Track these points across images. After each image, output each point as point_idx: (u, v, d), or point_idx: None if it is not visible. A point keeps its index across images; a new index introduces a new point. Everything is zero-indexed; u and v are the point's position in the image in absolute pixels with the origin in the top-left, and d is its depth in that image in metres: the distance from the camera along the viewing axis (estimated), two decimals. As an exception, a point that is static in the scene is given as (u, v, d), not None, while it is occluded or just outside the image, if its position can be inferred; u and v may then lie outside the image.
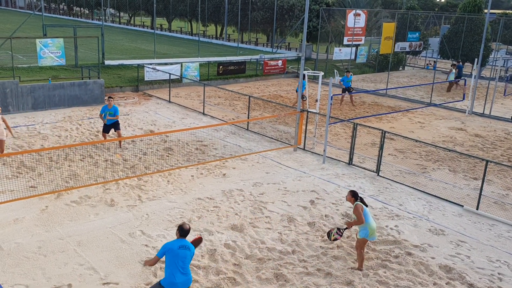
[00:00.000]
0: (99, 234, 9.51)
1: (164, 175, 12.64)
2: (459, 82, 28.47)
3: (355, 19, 29.47)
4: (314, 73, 17.45)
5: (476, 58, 22.22)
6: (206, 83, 22.66)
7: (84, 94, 19.72)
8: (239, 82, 28.14)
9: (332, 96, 14.74)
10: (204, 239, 9.55)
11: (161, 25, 57.52)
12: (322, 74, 16.51)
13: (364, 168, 14.17)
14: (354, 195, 8.70)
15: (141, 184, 11.99)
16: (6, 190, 11.09)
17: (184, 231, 6.90)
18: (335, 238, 8.93)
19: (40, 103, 18.69)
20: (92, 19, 62.00)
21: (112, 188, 11.65)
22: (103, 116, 14.61)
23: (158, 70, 24.19)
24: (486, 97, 23.37)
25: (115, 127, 14.83)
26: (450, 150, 14.55)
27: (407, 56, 38.03)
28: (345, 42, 30.53)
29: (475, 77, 22.05)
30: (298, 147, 15.66)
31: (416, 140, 15.01)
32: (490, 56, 35.36)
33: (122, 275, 8.21)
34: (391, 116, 21.18)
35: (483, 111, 22.62)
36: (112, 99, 14.71)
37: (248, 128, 17.75)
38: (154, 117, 18.78)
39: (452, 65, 28.44)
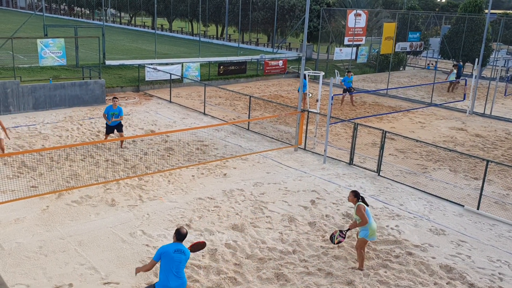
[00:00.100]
0: (100, 234, 9.52)
1: (165, 175, 12.65)
2: (459, 82, 28.45)
3: (356, 19, 29.47)
4: (315, 73, 17.45)
5: (477, 58, 22.21)
6: (207, 83, 22.69)
7: (85, 94, 19.75)
8: (240, 82, 28.15)
9: (333, 96, 14.75)
10: (205, 239, 9.56)
11: (162, 25, 57.55)
12: (323, 74, 16.52)
13: (365, 168, 14.18)
14: (356, 195, 8.70)
15: (142, 184, 12.01)
16: (7, 190, 11.11)
17: (181, 235, 6.89)
18: (339, 241, 8.90)
19: (41, 103, 18.71)
20: (93, 19, 62.06)
21: (113, 188, 11.67)
22: (107, 117, 14.54)
23: (159, 70, 24.21)
24: (487, 97, 23.36)
25: (118, 129, 14.79)
26: (451, 150, 14.55)
27: (408, 56, 38.01)
28: (346, 42, 30.54)
29: (476, 77, 22.04)
30: (299, 147, 15.67)
31: (417, 140, 15.02)
32: (491, 56, 35.35)
33: (123, 275, 8.22)
34: (392, 116, 21.19)
35: (484, 111, 22.62)
36: (117, 100, 14.70)
37: (249, 128, 17.76)
38: (155, 117, 18.80)
39: (454, 66, 28.43)
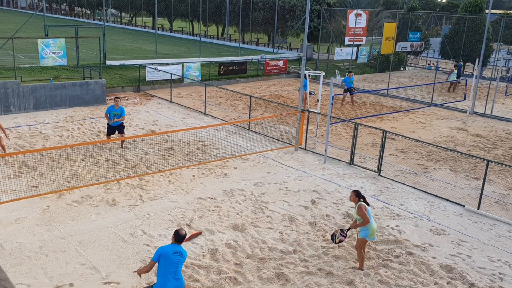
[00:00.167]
0: (101, 234, 9.53)
1: (166, 175, 12.66)
2: (459, 82, 28.43)
3: (356, 19, 29.46)
4: (315, 73, 17.45)
5: (477, 58, 22.20)
6: (207, 83, 22.70)
7: (86, 94, 19.76)
8: (240, 82, 28.15)
9: (333, 96, 14.75)
10: (205, 239, 9.58)
11: (163, 25, 57.55)
12: (323, 74, 16.52)
13: (365, 168, 14.18)
14: (358, 195, 8.69)
15: (143, 184, 12.02)
16: (8, 190, 11.12)
17: (180, 237, 6.89)
18: (340, 240, 8.90)
19: (42, 103, 18.72)
20: (94, 19, 62.08)
21: (114, 188, 11.67)
22: (109, 117, 14.53)
23: (160, 70, 24.21)
24: (487, 97, 23.34)
25: (120, 131, 14.74)
26: (451, 150, 14.55)
27: (408, 56, 38.00)
28: (346, 42, 30.53)
29: (476, 77, 22.04)
30: (299, 147, 15.67)
31: (417, 140, 15.02)
32: (491, 56, 35.33)
33: (124, 275, 8.23)
34: (392, 116, 21.19)
35: (484, 111, 22.62)
36: (119, 100, 14.65)
37: (249, 128, 17.77)
38: (156, 117, 18.81)
39: (455, 66, 28.41)
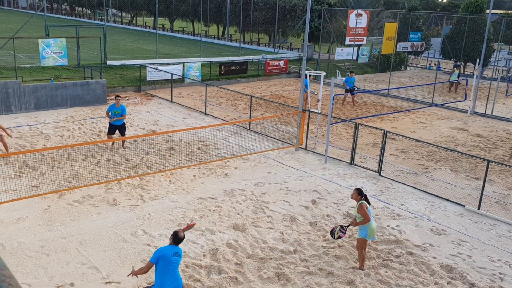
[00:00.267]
0: (101, 234, 9.54)
1: (166, 175, 12.67)
2: (459, 83, 28.42)
3: (357, 19, 29.46)
4: (316, 73, 17.46)
5: (478, 58, 22.19)
6: (208, 83, 22.72)
7: (86, 94, 19.77)
8: (241, 82, 28.16)
9: (334, 96, 14.76)
10: (206, 239, 9.59)
11: (163, 25, 57.53)
12: (324, 74, 16.52)
13: (366, 168, 14.19)
14: (360, 193, 8.70)
15: (143, 184, 12.03)
16: (9, 190, 11.14)
17: (178, 239, 6.91)
18: (339, 236, 8.92)
19: (43, 103, 18.74)
20: (94, 19, 62.10)
21: (114, 188, 11.69)
22: (110, 115, 14.49)
23: (160, 70, 24.23)
24: (488, 97, 23.34)
25: (121, 131, 14.64)
26: (452, 150, 14.56)
27: (409, 56, 38.00)
28: (347, 42, 30.51)
29: (477, 78, 22.03)
30: (300, 147, 15.68)
31: (418, 140, 15.03)
32: (492, 56, 35.30)
33: (124, 274, 8.22)
34: (393, 116, 21.19)
35: (485, 111, 22.61)
36: (120, 98, 14.64)
37: (250, 128, 17.77)
38: (156, 117, 18.82)
39: (456, 67, 28.39)
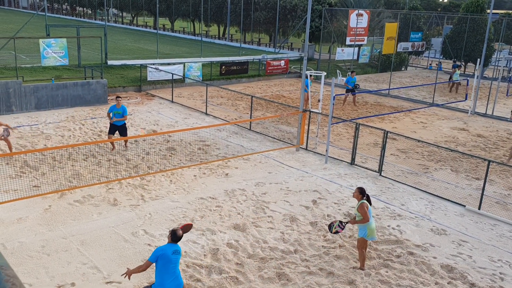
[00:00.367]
0: (102, 233, 9.56)
1: (167, 175, 12.68)
2: (460, 83, 28.42)
3: (358, 19, 29.46)
4: (317, 73, 17.46)
5: (479, 58, 22.19)
6: (209, 83, 22.73)
7: (87, 94, 19.79)
8: (242, 82, 28.17)
9: (335, 96, 14.76)
10: (207, 239, 9.60)
11: (164, 25, 57.57)
12: (325, 74, 16.53)
13: (366, 168, 14.19)
14: (362, 192, 8.70)
15: (144, 184, 12.04)
16: (10, 190, 11.15)
17: (177, 237, 6.89)
18: (336, 231, 8.88)
19: (43, 103, 18.76)
20: (95, 19, 62.14)
21: (115, 188, 11.70)
22: (111, 116, 14.25)
23: (161, 70, 24.24)
24: (489, 98, 23.34)
25: (122, 132, 14.35)
26: (452, 150, 14.56)
27: (410, 56, 38.00)
28: (348, 42, 30.50)
29: (478, 78, 22.03)
30: (301, 147, 15.69)
31: (419, 140, 15.03)
32: (493, 56, 35.28)
33: (125, 274, 8.25)
34: (394, 116, 21.19)
35: (486, 111, 22.61)
36: (121, 99, 14.45)
37: (251, 128, 17.78)
38: (157, 117, 18.83)
39: (458, 67, 28.38)
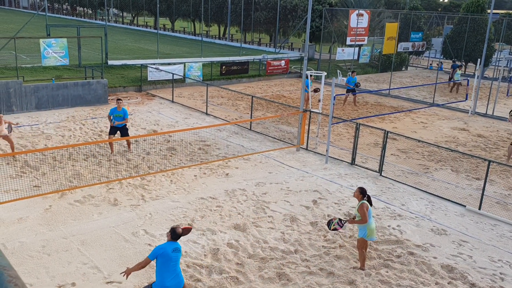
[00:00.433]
0: (103, 233, 9.56)
1: (167, 175, 12.69)
2: (461, 83, 28.42)
3: (358, 19, 29.46)
4: (317, 73, 17.46)
5: (479, 58, 22.19)
6: (209, 83, 22.73)
7: (88, 94, 19.80)
8: (242, 82, 28.17)
9: (335, 96, 14.76)
10: (207, 239, 9.60)
11: (164, 25, 57.58)
12: (325, 74, 16.53)
13: (367, 168, 14.19)
14: (362, 192, 8.67)
15: (144, 184, 12.04)
16: (10, 190, 11.16)
17: (177, 235, 6.90)
18: (335, 228, 8.84)
19: (44, 103, 18.77)
20: (96, 19, 62.18)
21: (116, 188, 11.71)
22: (112, 118, 13.93)
23: (161, 70, 24.25)
24: (489, 98, 23.32)
25: (123, 133, 14.08)
26: (453, 150, 14.56)
27: (410, 56, 37.99)
28: (348, 42, 30.50)
29: (478, 78, 22.03)
30: (301, 147, 15.69)
31: (419, 140, 15.03)
32: (493, 56, 35.27)
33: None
34: (394, 116, 21.19)
35: (486, 112, 22.60)
36: (121, 101, 14.08)
37: (251, 128, 17.79)
38: (157, 117, 18.84)
39: (459, 67, 28.37)
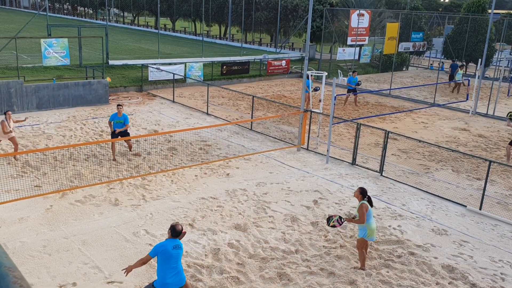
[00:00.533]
0: (104, 233, 9.57)
1: (168, 175, 12.70)
2: (463, 84, 28.40)
3: (359, 19, 29.46)
4: (318, 73, 17.47)
5: (480, 59, 22.18)
6: (210, 83, 22.74)
7: (89, 94, 19.81)
8: (243, 82, 28.17)
9: (336, 96, 14.77)
10: (208, 239, 9.61)
11: (165, 25, 57.60)
12: (326, 74, 16.54)
13: (368, 168, 14.19)
14: (363, 193, 8.67)
15: (145, 184, 12.05)
16: (11, 189, 11.17)
17: (176, 232, 6.89)
18: (334, 225, 8.84)
19: (45, 103, 18.78)
20: (96, 19, 62.21)
21: (116, 188, 11.72)
22: (113, 125, 13.60)
23: (162, 70, 24.27)
24: (490, 98, 23.31)
25: (124, 136, 13.81)
26: (453, 151, 14.56)
27: (411, 56, 37.97)
28: (349, 42, 30.51)
29: (479, 78, 22.02)
30: (302, 147, 15.69)
31: (420, 140, 15.03)
32: (494, 57, 35.24)
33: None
34: (395, 116, 21.18)
35: (487, 112, 22.59)
36: (121, 107, 13.70)
37: (252, 128, 17.79)
38: (158, 117, 18.85)
39: (460, 66, 28.35)
